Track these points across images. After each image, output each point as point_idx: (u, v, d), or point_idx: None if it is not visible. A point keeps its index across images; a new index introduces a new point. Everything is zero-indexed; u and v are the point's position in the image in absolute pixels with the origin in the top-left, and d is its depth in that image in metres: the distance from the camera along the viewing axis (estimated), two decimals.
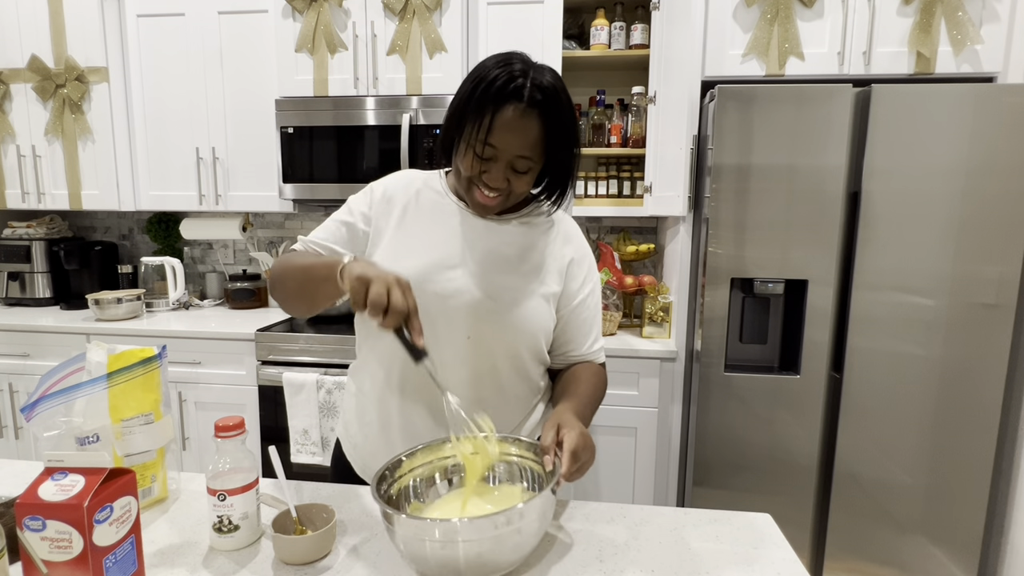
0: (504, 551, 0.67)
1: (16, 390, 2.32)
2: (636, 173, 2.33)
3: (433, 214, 0.95)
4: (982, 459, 1.71)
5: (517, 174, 0.86)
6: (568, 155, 0.88)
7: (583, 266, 0.99)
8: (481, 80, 0.82)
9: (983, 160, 1.61)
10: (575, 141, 0.88)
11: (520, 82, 0.81)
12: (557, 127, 0.84)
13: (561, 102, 0.83)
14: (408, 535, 0.67)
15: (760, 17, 1.81)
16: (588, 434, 0.80)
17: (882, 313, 1.70)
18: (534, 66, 0.84)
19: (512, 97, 0.81)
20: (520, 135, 0.82)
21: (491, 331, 0.91)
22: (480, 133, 0.82)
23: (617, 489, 2.08)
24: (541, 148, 0.85)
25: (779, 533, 0.85)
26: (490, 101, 0.81)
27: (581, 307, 0.98)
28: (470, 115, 0.83)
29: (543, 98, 0.81)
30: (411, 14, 2.16)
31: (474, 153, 0.84)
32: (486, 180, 0.86)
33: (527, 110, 0.81)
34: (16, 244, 2.63)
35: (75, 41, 2.38)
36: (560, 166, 0.90)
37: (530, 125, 0.82)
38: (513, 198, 0.91)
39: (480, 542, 0.65)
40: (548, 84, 0.82)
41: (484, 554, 0.66)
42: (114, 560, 0.65)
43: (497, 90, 0.81)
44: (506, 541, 0.66)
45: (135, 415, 0.87)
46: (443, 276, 0.90)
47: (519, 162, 0.85)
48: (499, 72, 0.82)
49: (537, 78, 0.82)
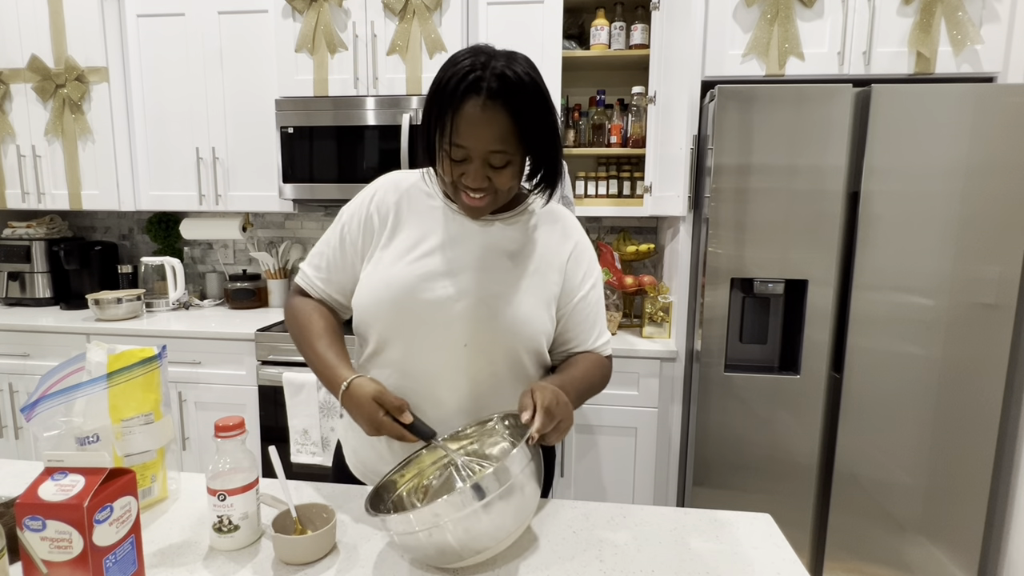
0: (495, 521, 0.67)
1: (16, 390, 2.32)
2: (636, 173, 2.33)
3: (424, 217, 0.93)
4: (982, 459, 1.71)
5: (496, 170, 0.83)
6: (549, 141, 0.84)
7: (583, 261, 0.97)
8: (440, 79, 0.80)
9: (983, 160, 1.61)
10: (551, 125, 0.83)
11: (477, 75, 0.77)
12: (525, 114, 0.79)
13: (525, 87, 0.78)
14: (399, 531, 0.67)
15: (760, 17, 1.81)
16: (561, 392, 0.79)
17: (882, 313, 1.70)
18: (495, 55, 0.79)
19: (470, 91, 0.77)
20: (486, 129, 0.78)
21: (489, 337, 0.89)
22: (446, 135, 0.80)
23: (617, 489, 2.08)
24: (514, 138, 0.80)
25: (779, 533, 0.85)
26: (448, 101, 0.78)
27: (583, 303, 0.96)
28: (434, 120, 0.81)
29: (502, 86, 0.77)
30: (411, 14, 2.16)
31: (447, 156, 0.82)
32: (466, 182, 0.83)
33: (487, 102, 0.77)
34: (16, 244, 2.63)
35: (75, 41, 2.38)
36: (543, 154, 0.86)
37: (495, 117, 0.78)
38: (502, 195, 0.87)
39: (465, 518, 0.65)
40: (508, 71, 0.77)
41: (473, 529, 0.66)
42: (114, 560, 0.65)
43: (452, 89, 0.78)
44: (493, 510, 0.66)
45: (135, 415, 0.87)
46: (437, 283, 0.88)
47: (494, 157, 0.81)
48: (455, 69, 0.78)
49: (498, 67, 0.77)
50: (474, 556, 0.70)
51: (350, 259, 0.96)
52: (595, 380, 0.96)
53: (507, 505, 0.68)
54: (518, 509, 0.70)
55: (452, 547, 0.67)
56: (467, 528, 0.66)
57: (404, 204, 0.94)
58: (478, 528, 0.67)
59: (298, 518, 0.79)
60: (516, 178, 0.86)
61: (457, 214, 0.93)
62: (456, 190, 0.86)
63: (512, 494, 0.68)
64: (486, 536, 0.68)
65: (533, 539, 0.81)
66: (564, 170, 0.93)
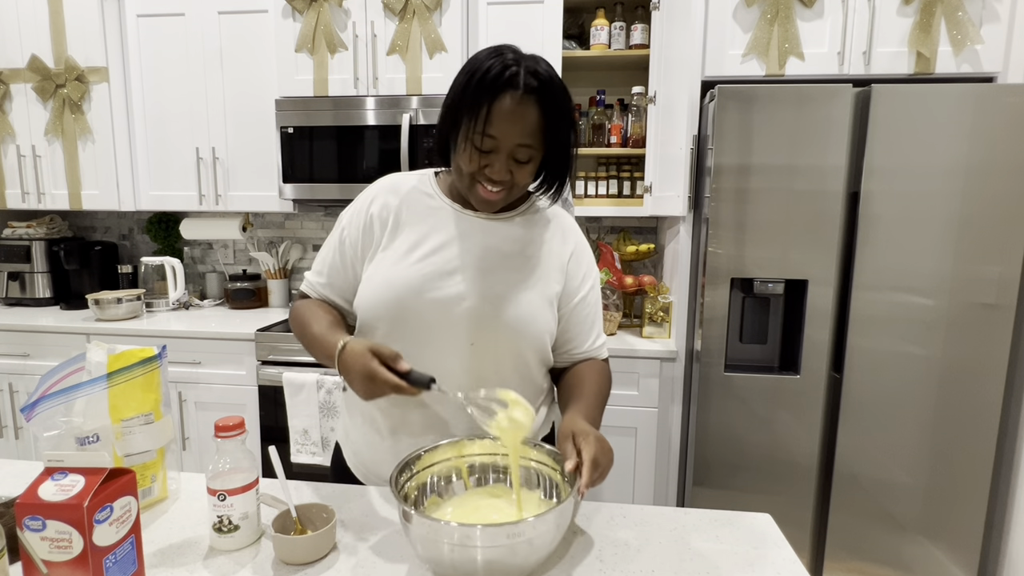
0: (518, 559, 0.67)
1: (16, 390, 2.32)
2: (636, 173, 2.33)
3: (426, 217, 0.93)
4: (982, 459, 1.71)
5: (519, 164, 0.85)
6: (566, 142, 0.88)
7: (582, 262, 0.98)
8: (474, 73, 0.82)
9: (983, 160, 1.61)
10: (572, 127, 0.87)
11: (514, 70, 0.80)
12: (555, 113, 0.83)
13: (556, 87, 0.83)
14: (424, 536, 0.67)
15: (760, 17, 1.81)
16: (604, 438, 0.79)
17: (882, 313, 1.70)
18: (525, 56, 0.84)
19: (508, 85, 0.80)
20: (519, 123, 0.81)
21: (494, 336, 0.90)
22: (478, 125, 0.81)
23: (617, 489, 2.08)
24: (540, 135, 0.84)
25: (779, 533, 0.85)
26: (486, 92, 0.81)
27: (582, 304, 0.97)
28: (466, 109, 0.82)
29: (539, 84, 0.81)
30: (411, 14, 2.16)
31: (474, 147, 0.83)
32: (488, 174, 0.85)
33: (524, 97, 0.81)
34: (16, 244, 2.63)
35: (75, 41, 2.38)
36: (559, 155, 0.89)
37: (528, 112, 0.81)
38: (516, 191, 0.89)
39: (495, 549, 0.65)
40: (542, 71, 0.82)
41: (497, 560, 0.66)
42: (114, 560, 0.65)
43: (492, 80, 0.80)
44: (520, 550, 0.66)
45: (135, 415, 0.87)
46: (442, 283, 0.89)
47: (520, 151, 0.84)
48: (492, 63, 0.81)
49: (531, 65, 0.82)
50: None
51: (350, 262, 0.96)
52: (607, 393, 0.98)
53: (536, 550, 0.68)
54: (540, 555, 0.70)
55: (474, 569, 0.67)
56: (493, 559, 0.66)
57: (404, 206, 0.95)
58: (505, 561, 0.67)
59: (298, 518, 0.79)
60: (532, 175, 0.89)
61: (459, 214, 0.93)
62: (472, 182, 0.87)
63: (544, 543, 0.68)
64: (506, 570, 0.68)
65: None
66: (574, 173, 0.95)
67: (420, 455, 0.83)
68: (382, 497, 0.93)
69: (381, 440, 0.96)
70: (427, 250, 0.91)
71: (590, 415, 0.87)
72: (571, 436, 0.79)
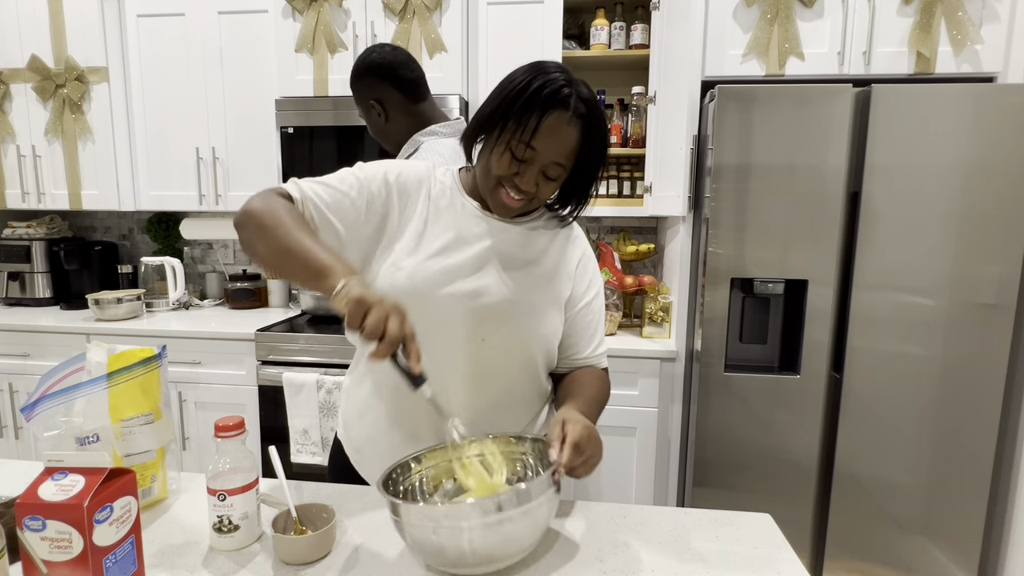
0: (509, 537, 0.68)
1: (16, 390, 2.32)
2: (636, 173, 2.33)
3: (451, 213, 0.93)
4: (982, 459, 1.71)
5: (547, 180, 0.87)
6: (594, 169, 0.90)
7: (588, 268, 1.00)
8: (528, 84, 0.84)
9: (983, 160, 1.61)
10: (604, 157, 0.90)
11: (567, 91, 0.83)
12: (593, 140, 0.86)
13: (600, 117, 0.86)
14: (414, 522, 0.67)
15: (760, 17, 1.81)
16: (594, 428, 0.80)
17: (882, 313, 1.70)
18: (575, 79, 0.86)
19: (559, 105, 0.82)
20: (560, 142, 0.84)
21: (507, 334, 0.91)
22: (524, 135, 0.83)
23: (617, 489, 2.08)
24: (574, 158, 0.87)
25: (779, 533, 0.85)
26: (538, 105, 0.82)
27: (586, 310, 0.99)
28: (514, 116, 0.83)
29: (587, 111, 0.84)
30: (411, 14, 2.16)
31: (512, 154, 0.85)
32: (517, 182, 0.86)
33: (572, 119, 0.83)
34: (16, 244, 2.63)
35: (75, 41, 2.38)
36: (584, 179, 0.91)
37: (571, 134, 0.84)
38: (535, 203, 0.92)
39: (480, 528, 0.66)
40: (590, 97, 0.85)
41: (487, 540, 0.67)
42: (114, 560, 0.65)
43: (547, 96, 0.82)
44: (509, 526, 0.67)
45: (135, 415, 0.87)
46: (460, 278, 0.89)
47: (552, 168, 0.86)
48: (547, 79, 0.83)
49: (581, 91, 0.85)
50: (476, 567, 0.70)
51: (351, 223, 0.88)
52: (605, 398, 0.99)
53: (521, 525, 0.68)
54: (529, 532, 0.70)
55: (463, 552, 0.67)
56: (473, 538, 0.66)
57: (432, 195, 0.93)
58: (486, 540, 0.67)
59: (298, 518, 0.79)
60: (555, 193, 0.92)
61: (479, 214, 0.93)
62: (497, 186, 0.88)
63: (528, 516, 0.68)
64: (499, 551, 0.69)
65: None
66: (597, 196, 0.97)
67: (409, 464, 0.82)
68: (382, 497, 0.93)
69: (382, 435, 0.96)
70: (451, 245, 0.91)
71: (585, 411, 0.87)
72: (561, 422, 0.80)
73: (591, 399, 0.93)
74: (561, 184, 0.90)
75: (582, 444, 0.76)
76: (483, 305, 0.89)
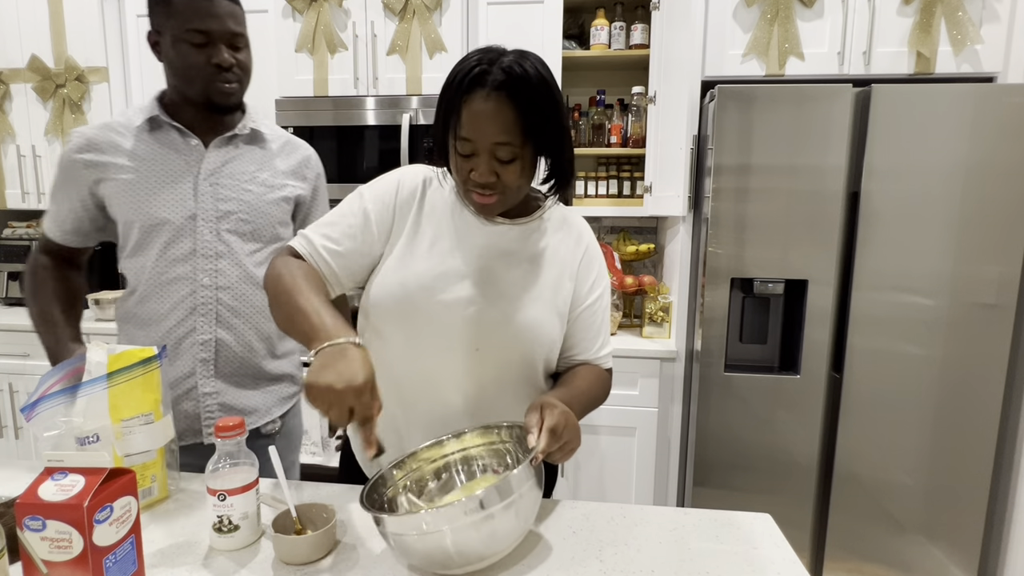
0: (494, 533, 0.68)
1: (16, 390, 2.32)
2: (636, 173, 2.33)
3: (443, 216, 0.92)
4: (982, 459, 1.71)
5: (503, 164, 0.82)
6: (556, 135, 0.84)
7: (593, 268, 0.97)
8: (449, 80, 0.82)
9: (983, 160, 1.61)
10: (558, 121, 0.84)
11: (483, 68, 0.79)
12: (531, 107, 0.80)
13: (530, 80, 0.79)
14: (398, 532, 0.67)
15: (760, 17, 1.81)
16: (571, 414, 0.79)
17: (882, 313, 1.70)
18: (505, 52, 0.81)
19: (475, 84, 0.79)
20: (490, 121, 0.79)
21: (501, 342, 0.89)
22: (457, 130, 0.81)
23: (617, 489, 2.08)
24: (519, 131, 0.80)
25: (779, 533, 0.85)
26: (455, 96, 0.80)
27: (589, 311, 0.95)
28: (443, 117, 0.83)
29: (508, 79, 0.78)
30: (411, 14, 2.16)
31: (456, 151, 0.83)
32: (474, 177, 0.83)
33: (491, 93, 0.78)
34: (16, 244, 2.63)
35: (75, 41, 2.38)
36: (550, 148, 0.86)
37: (499, 109, 0.79)
38: (510, 194, 0.86)
39: (464, 528, 0.66)
40: (515, 66, 0.79)
41: (472, 539, 0.67)
42: (114, 560, 0.65)
43: (459, 82, 0.80)
44: (493, 521, 0.67)
45: (135, 415, 0.87)
46: (453, 285, 0.88)
47: (500, 150, 0.81)
48: (463, 66, 0.81)
49: (504, 62, 0.79)
50: (466, 566, 0.70)
51: (374, 237, 0.91)
52: (597, 394, 0.96)
53: (505, 520, 0.68)
54: (515, 525, 0.70)
55: (447, 553, 0.67)
56: (458, 540, 0.66)
57: (426, 199, 0.93)
58: (472, 539, 0.67)
59: (298, 518, 0.79)
60: (524, 176, 0.86)
61: (471, 217, 0.92)
62: (467, 190, 0.86)
63: (511, 509, 0.68)
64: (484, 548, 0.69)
65: (533, 539, 0.81)
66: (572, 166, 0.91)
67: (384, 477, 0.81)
68: None
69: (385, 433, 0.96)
70: (442, 250, 0.90)
71: (567, 400, 0.83)
72: (539, 408, 0.79)
73: (579, 391, 0.91)
74: (527, 163, 0.85)
75: (559, 429, 0.75)
76: (474, 314, 0.87)
